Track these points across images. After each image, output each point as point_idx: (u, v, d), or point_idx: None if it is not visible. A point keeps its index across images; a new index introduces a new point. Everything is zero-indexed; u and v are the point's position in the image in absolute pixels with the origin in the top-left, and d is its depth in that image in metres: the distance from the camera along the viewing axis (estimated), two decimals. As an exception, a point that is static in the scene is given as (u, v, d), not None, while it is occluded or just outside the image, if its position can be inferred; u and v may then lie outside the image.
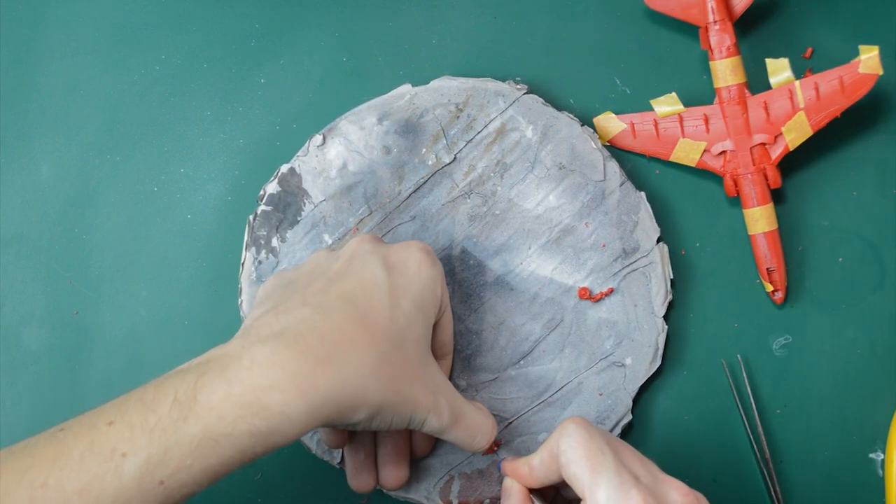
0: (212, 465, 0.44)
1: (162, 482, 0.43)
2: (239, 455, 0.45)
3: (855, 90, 0.59)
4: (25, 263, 0.63)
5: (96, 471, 0.42)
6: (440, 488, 0.59)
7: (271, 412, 0.45)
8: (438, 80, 0.61)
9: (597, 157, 0.61)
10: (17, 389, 0.62)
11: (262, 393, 0.45)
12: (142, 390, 0.45)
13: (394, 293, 0.51)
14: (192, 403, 0.44)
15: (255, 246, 0.61)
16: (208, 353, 0.47)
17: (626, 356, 0.60)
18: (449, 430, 0.52)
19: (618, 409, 0.60)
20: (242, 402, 0.44)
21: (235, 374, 0.45)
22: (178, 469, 0.43)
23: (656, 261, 0.60)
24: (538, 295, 0.60)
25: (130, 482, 0.43)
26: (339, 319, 0.48)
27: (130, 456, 0.43)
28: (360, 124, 0.61)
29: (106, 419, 0.44)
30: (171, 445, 0.43)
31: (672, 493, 0.47)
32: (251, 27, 0.65)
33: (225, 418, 0.44)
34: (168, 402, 0.44)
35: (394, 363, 0.49)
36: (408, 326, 0.50)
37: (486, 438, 0.54)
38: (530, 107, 0.61)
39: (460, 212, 0.61)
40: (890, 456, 0.60)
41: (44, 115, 0.64)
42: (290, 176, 0.61)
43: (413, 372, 0.50)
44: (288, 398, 0.45)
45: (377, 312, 0.50)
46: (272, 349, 0.46)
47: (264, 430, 0.45)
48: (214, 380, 0.45)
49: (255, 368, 0.45)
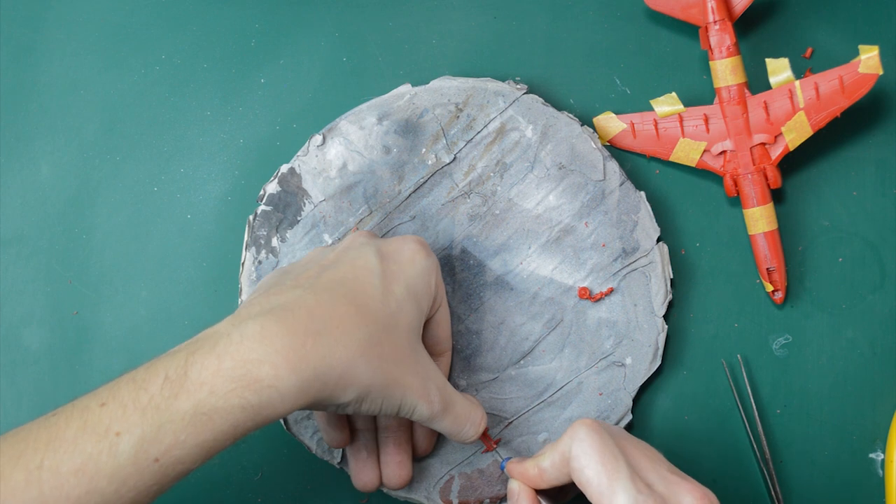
0: (206, 441, 0.44)
1: (157, 459, 0.43)
2: (232, 430, 0.45)
3: (855, 90, 0.59)
4: (25, 263, 0.63)
5: (91, 451, 0.43)
6: (440, 488, 0.59)
7: (262, 385, 0.45)
8: (438, 80, 0.61)
9: (597, 156, 0.61)
10: (17, 389, 0.62)
11: (253, 366, 0.45)
12: (133, 372, 0.45)
13: (386, 278, 0.51)
14: (183, 380, 0.44)
15: (255, 246, 0.61)
16: (198, 334, 0.47)
17: (626, 356, 0.60)
18: (439, 418, 0.52)
19: (618, 408, 0.60)
20: (233, 376, 0.44)
21: (225, 349, 0.45)
22: (172, 445, 0.43)
23: (656, 260, 0.60)
24: (538, 295, 0.60)
25: (125, 460, 0.43)
26: (330, 298, 0.48)
27: (124, 434, 0.43)
28: (359, 124, 0.61)
29: (98, 401, 0.44)
30: (164, 422, 0.43)
31: (685, 498, 0.47)
32: (251, 27, 0.65)
33: (216, 393, 0.44)
34: (159, 381, 0.44)
35: (384, 345, 0.49)
36: (399, 311, 0.51)
37: (475, 428, 0.54)
38: (530, 107, 0.61)
39: (460, 211, 0.61)
40: (890, 456, 0.60)
41: (44, 115, 0.64)
42: (290, 176, 0.61)
43: (404, 356, 0.50)
44: (278, 371, 0.45)
45: (369, 295, 0.50)
46: (262, 324, 0.46)
47: (255, 403, 0.45)
48: (205, 356, 0.45)
49: (245, 342, 0.45)
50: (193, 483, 0.62)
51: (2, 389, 0.62)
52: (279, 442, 0.62)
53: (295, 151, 0.63)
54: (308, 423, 0.60)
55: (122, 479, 0.43)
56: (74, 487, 0.42)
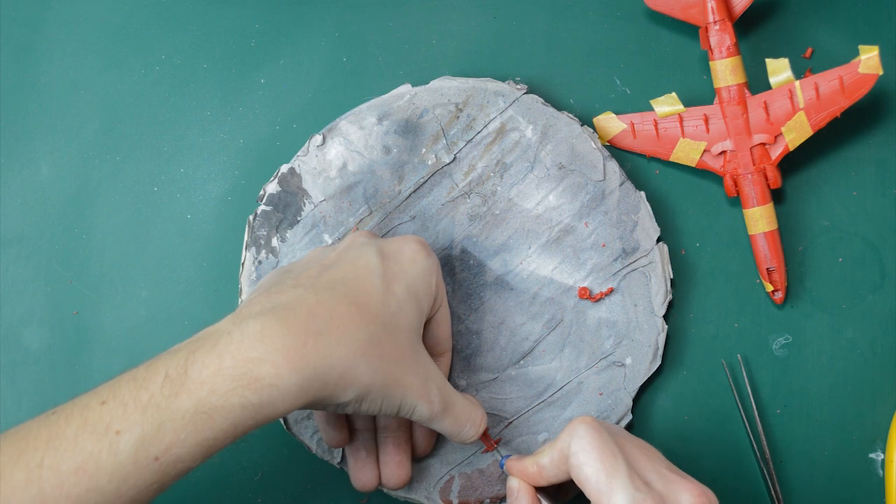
0: (206, 439, 0.44)
1: (157, 458, 0.43)
2: (232, 428, 0.45)
3: (855, 90, 0.59)
4: (25, 263, 0.63)
5: (91, 449, 0.42)
6: (440, 488, 0.59)
7: (262, 384, 0.45)
8: (438, 80, 0.61)
9: (596, 156, 0.61)
10: (17, 389, 0.62)
11: (253, 365, 0.45)
12: (133, 371, 0.45)
13: (387, 278, 0.51)
14: (183, 379, 0.44)
15: (255, 246, 0.61)
16: (199, 333, 0.47)
17: (626, 356, 0.60)
18: (439, 418, 0.52)
19: (618, 408, 0.60)
20: (233, 375, 0.44)
21: (226, 347, 0.45)
22: (172, 444, 0.43)
23: (656, 260, 0.60)
24: (538, 295, 0.60)
25: (126, 459, 0.43)
26: (331, 298, 0.48)
27: (124, 433, 0.43)
28: (359, 124, 0.61)
29: (98, 399, 0.44)
30: (164, 420, 0.43)
31: (683, 496, 0.47)
32: (251, 27, 0.65)
33: (217, 391, 0.44)
34: (160, 379, 0.44)
35: (385, 345, 0.49)
36: (400, 311, 0.51)
37: (475, 429, 0.54)
38: (530, 107, 0.61)
39: (460, 212, 0.61)
40: (890, 456, 0.60)
41: (44, 115, 0.64)
42: (290, 176, 0.61)
43: (404, 356, 0.50)
44: (279, 370, 0.45)
45: (369, 295, 0.50)
46: (262, 323, 0.46)
47: (256, 402, 0.45)
48: (205, 355, 0.45)
49: (246, 341, 0.45)
50: (193, 483, 0.62)
51: (2, 389, 0.62)
52: (279, 442, 0.62)
53: (295, 151, 0.63)
54: (308, 423, 0.60)
55: (122, 477, 0.43)
56: (74, 486, 0.42)
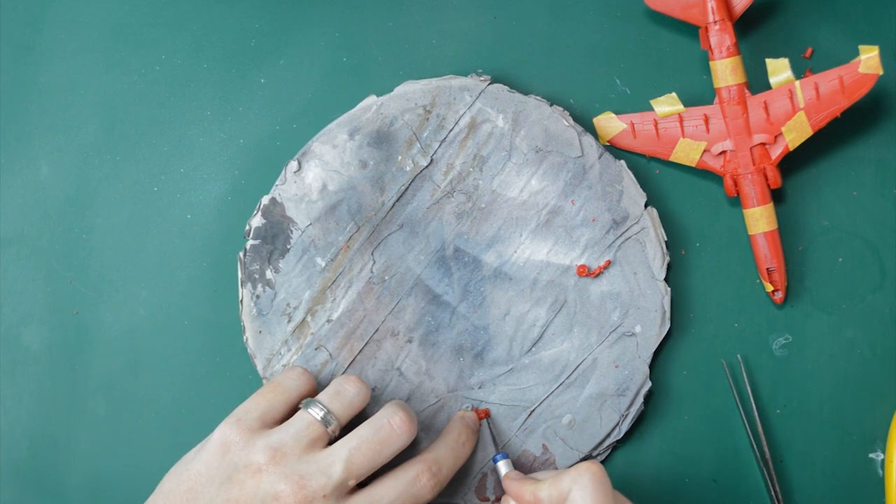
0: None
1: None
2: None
3: (855, 90, 0.59)
4: (25, 263, 0.63)
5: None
6: (475, 487, 0.60)
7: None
8: (402, 86, 0.61)
9: (571, 134, 0.61)
10: (17, 389, 0.63)
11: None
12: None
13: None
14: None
15: (251, 281, 0.61)
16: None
17: (634, 325, 0.60)
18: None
19: (636, 378, 0.60)
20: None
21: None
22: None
23: (647, 226, 0.61)
24: (537, 280, 0.61)
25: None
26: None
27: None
28: (332, 143, 0.61)
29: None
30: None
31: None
32: (251, 27, 0.65)
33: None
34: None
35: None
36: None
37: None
38: (497, 96, 0.61)
39: (446, 211, 0.61)
40: (890, 456, 0.60)
41: (44, 115, 0.64)
42: (272, 206, 0.61)
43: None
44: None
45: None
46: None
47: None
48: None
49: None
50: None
51: (2, 389, 0.62)
52: (279, 442, 0.62)
53: (295, 151, 0.63)
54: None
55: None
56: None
